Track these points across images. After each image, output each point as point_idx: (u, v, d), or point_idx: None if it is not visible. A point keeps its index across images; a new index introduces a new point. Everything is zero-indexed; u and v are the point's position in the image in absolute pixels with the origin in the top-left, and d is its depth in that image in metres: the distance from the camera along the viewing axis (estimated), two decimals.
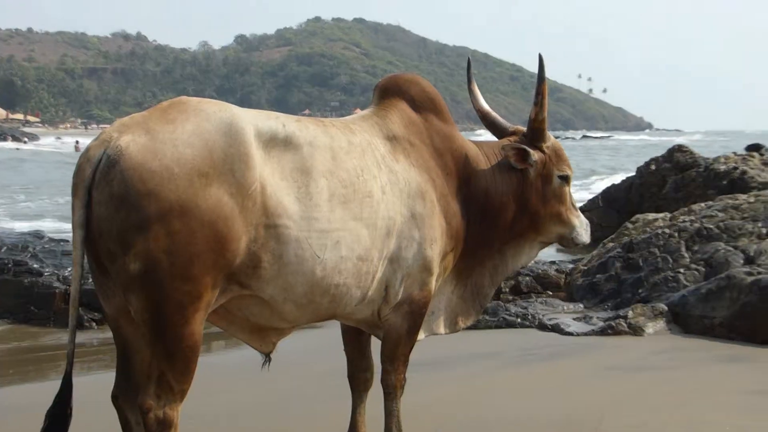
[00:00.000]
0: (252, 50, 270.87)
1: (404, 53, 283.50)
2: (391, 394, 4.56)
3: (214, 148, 3.64)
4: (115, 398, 3.94)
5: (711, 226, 9.36)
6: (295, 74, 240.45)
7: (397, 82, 4.75)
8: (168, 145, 3.57)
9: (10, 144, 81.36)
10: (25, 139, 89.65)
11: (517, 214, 4.81)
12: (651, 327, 8.01)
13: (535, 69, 4.86)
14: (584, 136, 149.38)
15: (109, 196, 3.52)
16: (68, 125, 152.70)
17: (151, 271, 3.52)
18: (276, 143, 3.88)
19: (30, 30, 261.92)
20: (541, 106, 4.77)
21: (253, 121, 3.86)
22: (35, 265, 10.66)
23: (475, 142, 4.88)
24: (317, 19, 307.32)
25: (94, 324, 8.89)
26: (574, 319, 8.58)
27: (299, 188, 3.88)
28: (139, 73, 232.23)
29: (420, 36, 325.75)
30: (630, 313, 8.19)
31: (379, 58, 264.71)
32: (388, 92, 4.66)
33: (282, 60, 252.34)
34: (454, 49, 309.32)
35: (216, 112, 3.78)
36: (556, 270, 10.36)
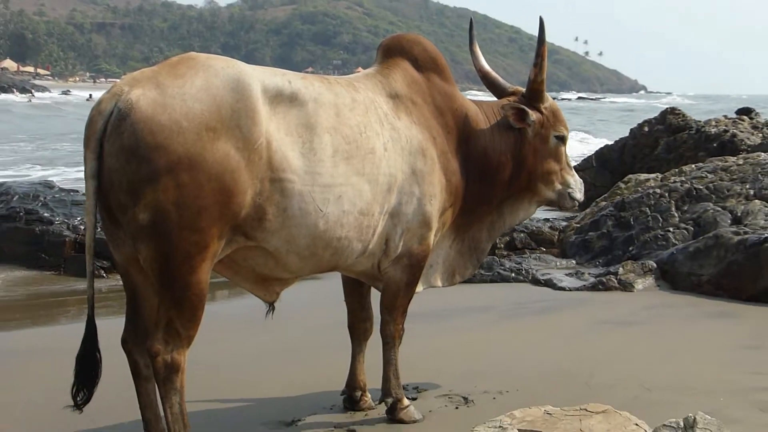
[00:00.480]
0: (257, 8, 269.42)
1: (406, 13, 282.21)
2: (390, 343, 4.60)
3: (221, 104, 3.64)
4: (125, 343, 3.97)
5: (700, 187, 9.39)
6: (298, 32, 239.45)
7: (401, 42, 4.74)
8: (177, 99, 3.57)
9: (20, 96, 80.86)
10: (32, 92, 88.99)
11: (515, 172, 4.81)
12: (640, 283, 8.05)
13: (533, 31, 4.87)
14: (579, 98, 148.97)
15: (119, 148, 3.53)
16: (77, 78, 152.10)
17: (160, 222, 3.53)
18: (282, 99, 3.88)
19: None
20: (541, 68, 4.77)
21: (260, 78, 3.85)
22: (46, 214, 10.69)
23: (476, 102, 4.88)
24: None
25: (102, 272, 8.91)
26: (566, 274, 8.63)
27: (304, 144, 3.89)
28: (147, 29, 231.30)
29: None
30: (620, 270, 8.23)
31: (381, 18, 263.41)
32: (392, 51, 4.65)
33: (286, 18, 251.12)
34: (454, 10, 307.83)
35: (224, 68, 3.78)
36: (550, 227, 10.39)
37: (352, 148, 4.05)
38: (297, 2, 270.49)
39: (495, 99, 5.06)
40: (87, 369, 3.81)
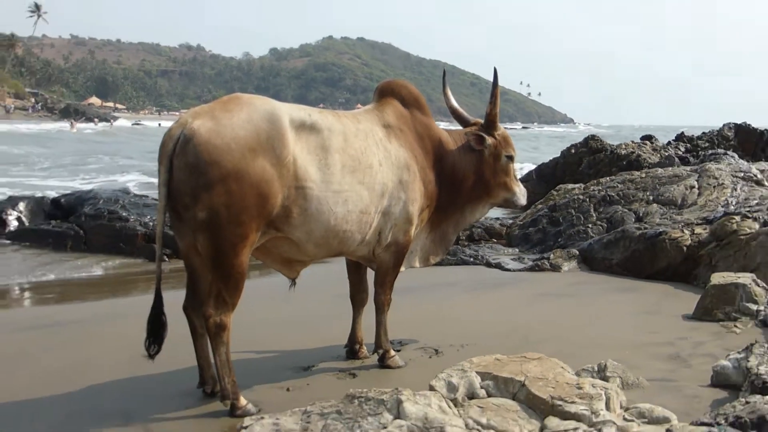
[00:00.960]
0: (282, 59, 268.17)
1: (393, 64, 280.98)
2: (381, 309, 4.65)
3: (260, 131, 3.71)
4: (185, 309, 4.04)
5: (613, 194, 9.44)
6: (313, 78, 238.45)
7: (391, 85, 4.78)
8: (227, 128, 3.64)
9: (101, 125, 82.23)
10: (111, 118, 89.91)
11: (475, 182, 4.86)
12: (566, 265, 8.10)
13: (489, 78, 4.90)
14: (523, 127, 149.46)
15: (185, 163, 3.60)
16: (146, 111, 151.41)
17: (214, 219, 3.60)
18: (304, 128, 3.94)
19: (119, 41, 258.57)
20: (494, 105, 4.83)
21: (288, 112, 3.91)
22: (123, 214, 10.73)
23: (447, 130, 4.91)
24: (330, 37, 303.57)
25: (165, 257, 8.96)
26: (511, 259, 8.66)
27: (320, 161, 3.95)
28: (199, 74, 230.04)
29: (405, 51, 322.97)
30: (552, 256, 8.28)
31: (375, 67, 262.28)
32: (385, 93, 4.70)
33: (304, 67, 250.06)
34: (429, 62, 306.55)
35: (262, 104, 3.85)
36: (500, 224, 10.43)
37: (356, 164, 4.11)
38: (312, 55, 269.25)
39: (461, 128, 5.10)
40: (156, 328, 3.88)
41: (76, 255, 9.77)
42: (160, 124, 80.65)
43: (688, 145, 17.34)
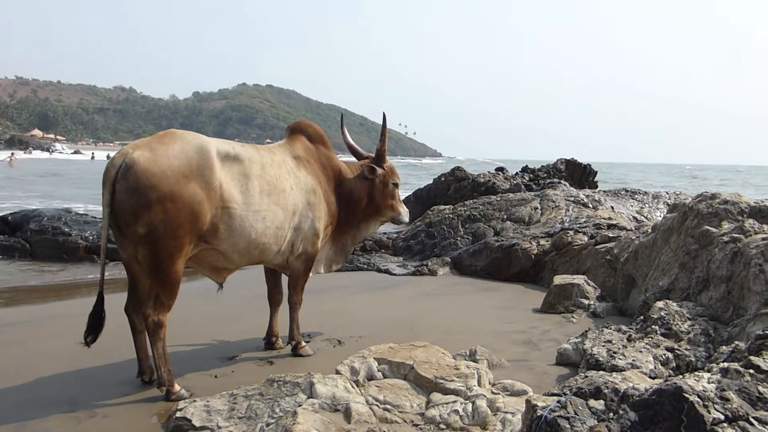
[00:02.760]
0: (203, 101, 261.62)
1: (296, 107, 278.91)
2: (293, 308, 4.58)
3: (191, 160, 3.60)
4: (127, 309, 3.86)
5: (476, 213, 9.68)
6: (229, 117, 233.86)
7: (300, 125, 4.75)
8: (164, 157, 3.51)
9: (43, 154, 78.17)
10: (52, 148, 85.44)
11: (368, 204, 4.87)
12: (441, 270, 8.24)
13: (374, 119, 4.99)
14: (403, 159, 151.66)
15: (126, 187, 3.45)
16: (83, 143, 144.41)
17: (152, 233, 3.46)
18: (228, 158, 3.85)
19: (59, 81, 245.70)
20: (383, 142, 4.87)
21: (215, 144, 3.82)
22: (66, 229, 10.16)
23: (345, 162, 4.92)
24: (244, 83, 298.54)
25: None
26: (397, 266, 8.71)
27: (242, 185, 3.87)
28: (131, 112, 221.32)
29: (305, 96, 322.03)
30: (429, 263, 8.41)
31: (281, 109, 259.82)
32: (295, 131, 4.66)
33: (221, 108, 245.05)
34: (326, 105, 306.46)
35: (193, 138, 3.74)
36: (387, 237, 10.48)
37: (272, 189, 4.04)
38: (228, 98, 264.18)
39: (356, 160, 5.12)
40: (95, 321, 3.70)
41: (22, 265, 9.16)
42: (93, 154, 78.51)
43: (531, 175, 18.01)
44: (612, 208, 9.84)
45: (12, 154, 58.08)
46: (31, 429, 3.27)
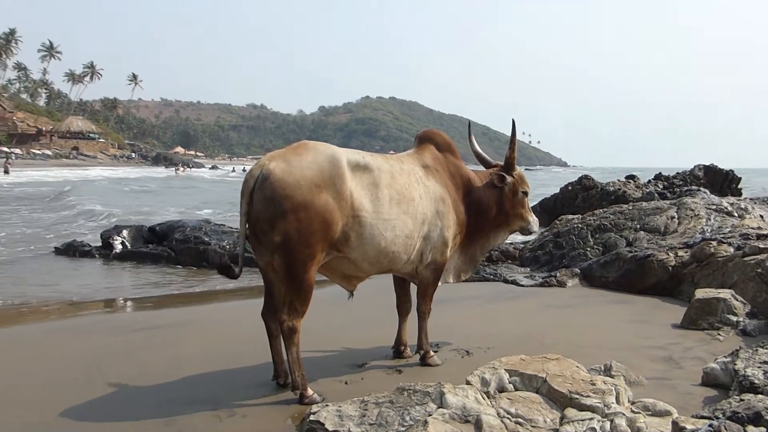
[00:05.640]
0: (328, 115, 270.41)
1: (419, 118, 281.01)
2: (422, 317, 4.57)
3: (323, 171, 3.70)
4: (263, 315, 4.02)
5: (606, 223, 9.27)
6: (353, 130, 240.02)
7: (428, 134, 4.75)
8: (297, 168, 3.63)
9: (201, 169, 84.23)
10: (190, 165, 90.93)
11: (497, 213, 4.79)
12: (570, 282, 7.95)
13: (496, 128, 4.95)
14: (526, 169, 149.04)
15: (263, 197, 3.60)
16: (220, 158, 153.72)
17: (287, 241, 3.59)
18: (359, 168, 3.92)
19: (199, 101, 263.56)
20: (513, 150, 4.79)
21: (346, 155, 3.90)
22: (206, 239, 10.81)
23: (473, 170, 4.87)
24: (367, 96, 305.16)
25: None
26: (524, 276, 8.51)
27: (372, 194, 3.92)
28: (262, 128, 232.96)
29: (428, 107, 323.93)
30: (558, 274, 8.14)
31: (404, 121, 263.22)
32: (423, 140, 4.67)
33: (346, 121, 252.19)
34: (449, 116, 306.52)
35: (324, 149, 3.84)
36: (513, 247, 10.30)
37: (401, 197, 4.07)
38: (353, 111, 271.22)
39: (484, 169, 5.05)
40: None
41: (168, 271, 9.84)
42: (233, 168, 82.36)
43: (665, 183, 17.10)
44: (762, 216, 9.08)
45: (177, 167, 69.91)
46: (179, 425, 3.47)
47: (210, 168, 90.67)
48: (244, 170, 71.32)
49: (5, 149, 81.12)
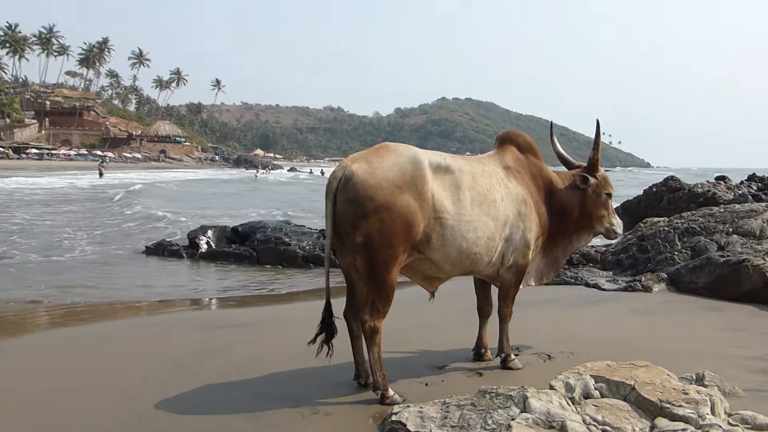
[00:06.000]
0: (404, 117, 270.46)
1: (495, 119, 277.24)
2: (503, 319, 4.52)
3: (405, 172, 3.71)
4: (345, 314, 4.06)
5: (695, 226, 8.88)
6: (429, 131, 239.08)
7: (510, 135, 4.71)
8: (379, 170, 3.66)
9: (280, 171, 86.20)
10: (269, 167, 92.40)
11: (580, 215, 4.69)
12: (656, 287, 7.65)
13: (575, 129, 4.82)
14: (606, 170, 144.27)
15: (346, 198, 3.65)
16: (298, 160, 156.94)
17: (369, 242, 3.62)
18: (440, 169, 3.92)
19: (278, 105, 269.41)
20: (597, 151, 4.69)
21: (427, 156, 3.91)
22: (286, 239, 11.05)
23: (556, 172, 4.78)
24: (443, 98, 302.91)
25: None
26: (607, 280, 8.26)
27: (454, 196, 3.91)
28: (339, 130, 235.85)
29: (505, 108, 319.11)
30: (643, 278, 7.84)
31: (480, 122, 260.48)
32: (504, 140, 4.62)
33: (422, 123, 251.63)
34: (526, 116, 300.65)
35: (406, 150, 3.86)
36: (595, 251, 10.02)
37: (483, 199, 4.04)
38: (429, 113, 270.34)
39: (566, 170, 4.95)
40: (328, 329, 3.94)
41: (250, 271, 10.13)
42: (311, 171, 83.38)
43: (760, 184, 16.20)
44: None
45: (257, 169, 71.72)
46: (266, 420, 3.57)
47: (288, 170, 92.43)
48: (322, 173, 72.49)
49: (99, 153, 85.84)
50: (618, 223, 4.89)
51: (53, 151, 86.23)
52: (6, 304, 7.42)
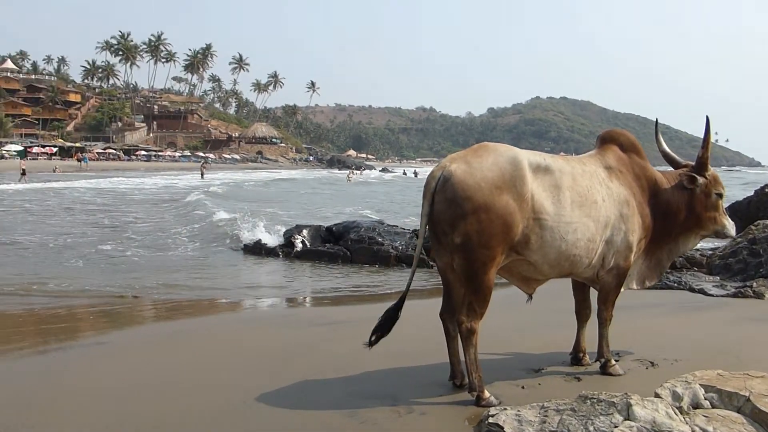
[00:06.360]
0: (497, 116, 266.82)
1: (591, 119, 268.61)
2: (603, 324, 4.38)
3: (504, 172, 3.67)
4: (441, 315, 4.06)
5: None
6: (523, 131, 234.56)
7: (611, 134, 4.56)
8: (478, 170, 3.64)
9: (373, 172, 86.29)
10: (363, 167, 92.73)
11: (687, 216, 4.47)
12: None
13: (676, 127, 4.60)
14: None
15: (444, 198, 3.65)
16: (390, 161, 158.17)
17: (467, 243, 3.60)
18: (540, 170, 3.85)
19: (370, 106, 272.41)
20: (706, 149, 4.46)
21: (527, 156, 3.85)
22: (379, 239, 11.16)
23: (661, 171, 4.58)
24: (537, 97, 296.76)
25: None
26: (713, 286, 7.84)
27: (553, 197, 3.83)
28: (431, 131, 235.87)
29: (602, 107, 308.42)
30: (754, 284, 7.40)
31: (575, 121, 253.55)
32: (606, 140, 4.48)
33: (516, 122, 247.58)
34: (624, 115, 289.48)
35: (505, 151, 3.82)
36: (700, 254, 9.54)
37: (583, 200, 3.94)
38: (522, 112, 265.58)
39: (672, 169, 4.74)
40: (387, 321, 3.94)
41: (344, 270, 10.31)
42: (405, 172, 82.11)
43: None
44: None
45: (351, 171, 69.92)
46: (361, 417, 3.62)
47: (380, 170, 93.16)
48: (415, 173, 72.42)
49: (201, 154, 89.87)
50: (730, 225, 4.64)
51: (159, 153, 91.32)
52: (115, 298, 7.88)
